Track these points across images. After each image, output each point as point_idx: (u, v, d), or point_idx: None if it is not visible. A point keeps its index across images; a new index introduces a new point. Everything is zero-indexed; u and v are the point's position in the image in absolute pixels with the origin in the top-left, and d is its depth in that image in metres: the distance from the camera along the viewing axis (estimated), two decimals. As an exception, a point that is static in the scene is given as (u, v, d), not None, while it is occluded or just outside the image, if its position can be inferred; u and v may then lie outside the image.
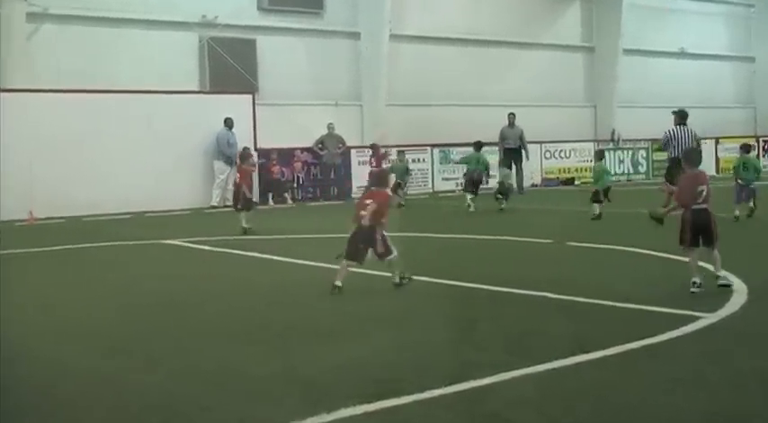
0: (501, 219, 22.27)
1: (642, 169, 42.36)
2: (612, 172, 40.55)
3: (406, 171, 31.55)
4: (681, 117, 23.20)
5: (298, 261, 14.93)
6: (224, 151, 29.24)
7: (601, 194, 22.53)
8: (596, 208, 22.19)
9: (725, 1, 50.80)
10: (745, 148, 23.46)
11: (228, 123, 29.41)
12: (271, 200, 31.06)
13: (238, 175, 22.42)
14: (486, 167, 27.44)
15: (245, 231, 20.50)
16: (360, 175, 32.95)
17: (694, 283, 11.76)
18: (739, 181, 21.76)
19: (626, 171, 41.96)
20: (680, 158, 20.29)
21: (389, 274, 12.92)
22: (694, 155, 13.49)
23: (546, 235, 18.55)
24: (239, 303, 12.35)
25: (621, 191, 32.32)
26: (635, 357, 8.68)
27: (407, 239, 17.97)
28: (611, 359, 8.57)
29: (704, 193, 12.01)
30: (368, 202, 13.11)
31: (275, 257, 16.12)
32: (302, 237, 20.26)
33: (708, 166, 39.66)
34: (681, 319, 10.11)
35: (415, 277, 13.12)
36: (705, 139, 41.50)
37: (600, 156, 25.30)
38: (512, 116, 35.01)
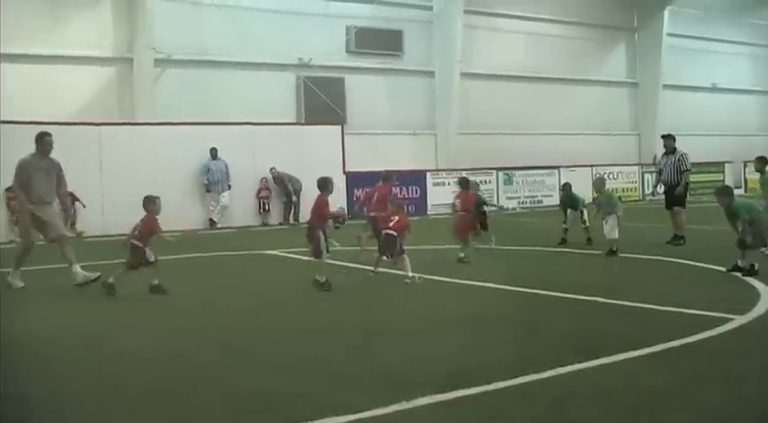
0: (552, 233, 21.93)
1: (661, 190, 41.76)
2: (652, 192, 40.20)
3: (484, 203, 20.99)
4: (665, 144, 21.09)
5: (379, 269, 14.91)
6: (202, 180, 28.11)
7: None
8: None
9: (750, 43, 50.32)
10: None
11: (212, 153, 28.22)
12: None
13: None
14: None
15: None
16: (434, 195, 32.95)
17: None
18: None
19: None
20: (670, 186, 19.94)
21: (461, 281, 12.88)
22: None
23: (597, 246, 18.38)
24: (329, 305, 12.36)
25: (661, 208, 31.94)
26: (676, 354, 8.56)
27: (474, 251, 17.91)
28: (654, 356, 8.46)
29: None
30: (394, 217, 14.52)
31: (360, 266, 16.11)
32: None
33: (737, 185, 39.29)
34: (716, 320, 9.97)
35: (481, 283, 13.09)
36: (726, 162, 41.28)
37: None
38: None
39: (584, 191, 23.01)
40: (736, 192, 16.05)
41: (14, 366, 8.82)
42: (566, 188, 21.30)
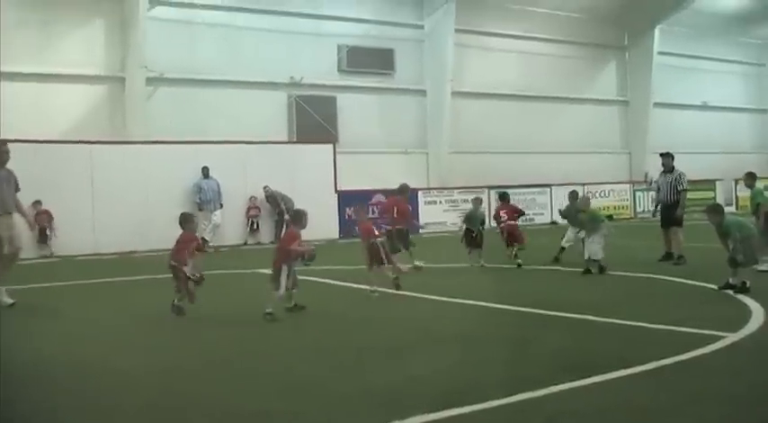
0: (546, 250, 21.97)
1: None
2: (645, 209, 40.38)
3: (482, 222, 20.88)
4: (663, 163, 20.83)
5: (374, 288, 14.92)
6: (194, 199, 28.06)
7: None
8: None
9: (740, 61, 50.72)
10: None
11: (204, 172, 28.25)
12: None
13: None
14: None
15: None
16: (426, 214, 32.96)
17: None
18: None
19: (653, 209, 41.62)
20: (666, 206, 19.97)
21: (452, 299, 12.88)
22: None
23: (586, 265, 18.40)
24: (322, 323, 12.35)
25: (653, 226, 31.96)
26: (668, 372, 8.55)
27: (461, 269, 17.93)
28: (647, 374, 8.45)
29: None
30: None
31: (350, 284, 16.11)
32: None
33: (728, 203, 39.47)
34: (708, 338, 9.97)
35: (473, 302, 13.11)
36: (717, 180, 41.35)
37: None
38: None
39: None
40: (727, 209, 16.13)
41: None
42: (573, 197, 20.32)
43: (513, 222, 20.20)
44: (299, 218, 13.79)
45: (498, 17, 39.59)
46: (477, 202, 20.82)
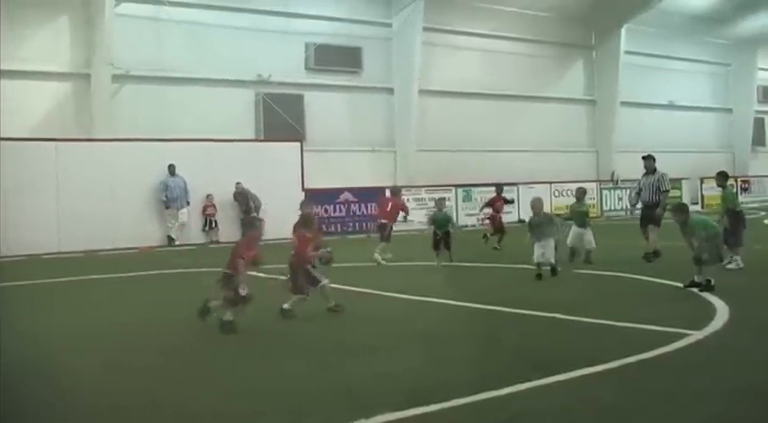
0: (515, 249, 22.05)
1: (638, 206, 42.12)
2: (612, 208, 40.63)
3: (448, 221, 20.33)
4: (645, 165, 21.38)
5: (342, 287, 14.87)
6: (160, 197, 27.99)
7: None
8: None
9: (706, 61, 51.14)
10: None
11: (170, 169, 28.19)
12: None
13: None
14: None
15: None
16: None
17: None
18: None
19: (624, 207, 41.81)
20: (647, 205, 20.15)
21: (419, 298, 12.88)
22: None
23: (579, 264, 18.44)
24: (287, 323, 12.29)
25: (620, 225, 32.18)
26: (633, 370, 8.58)
27: (430, 267, 17.93)
28: (612, 372, 8.50)
29: None
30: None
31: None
32: (344, 265, 20.25)
33: (694, 201, 39.77)
34: (672, 336, 10.02)
35: (442, 300, 13.12)
36: (683, 179, 41.57)
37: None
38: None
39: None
40: (692, 208, 16.25)
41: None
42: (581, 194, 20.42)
43: (496, 214, 22.98)
44: (309, 221, 13.63)
45: (466, 16, 39.60)
46: (441, 202, 20.90)
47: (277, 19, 34.20)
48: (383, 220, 22.20)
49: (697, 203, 41.26)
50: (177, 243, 27.99)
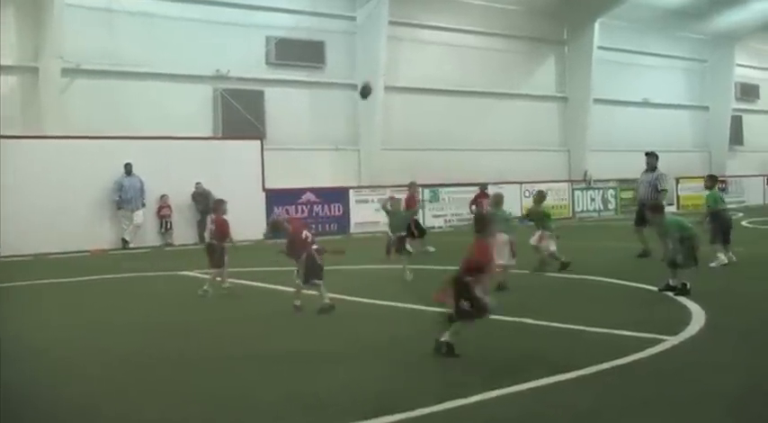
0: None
1: (611, 206, 42.47)
2: (584, 209, 40.83)
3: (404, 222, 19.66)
4: (647, 162, 22.13)
5: (306, 292, 14.83)
6: (113, 197, 27.95)
7: None
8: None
9: (682, 57, 51.41)
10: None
11: (127, 169, 28.30)
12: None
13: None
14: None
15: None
16: (357, 213, 33.02)
17: None
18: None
19: (597, 208, 42.05)
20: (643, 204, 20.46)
21: (385, 303, 12.88)
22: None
23: (525, 266, 18.45)
24: (248, 330, 12.27)
25: (593, 226, 32.32)
26: (606, 377, 8.62)
27: (396, 270, 17.91)
28: (584, 379, 8.52)
29: None
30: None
31: (278, 287, 16.03)
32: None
33: (669, 202, 39.98)
34: (647, 341, 10.07)
35: (408, 305, 13.14)
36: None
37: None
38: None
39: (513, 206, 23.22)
40: (668, 209, 16.35)
41: None
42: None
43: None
44: (278, 226, 14.15)
45: (433, 9, 39.62)
46: (396, 203, 20.45)
47: (236, 11, 34.04)
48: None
49: (672, 204, 41.45)
50: (132, 246, 27.84)
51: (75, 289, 18.16)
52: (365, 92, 22.72)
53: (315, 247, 13.40)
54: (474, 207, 28.73)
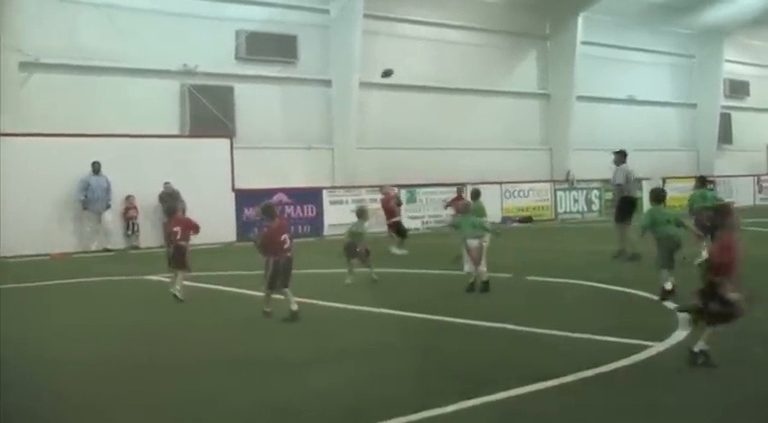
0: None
1: (595, 208, 42.54)
2: (567, 210, 40.89)
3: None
4: (619, 158, 23.25)
5: (276, 297, 14.79)
6: (79, 197, 27.68)
7: None
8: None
9: (668, 52, 51.44)
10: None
11: (95, 167, 27.93)
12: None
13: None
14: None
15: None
16: (331, 215, 32.95)
17: None
18: None
19: (580, 209, 42.11)
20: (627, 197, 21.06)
21: (359, 308, 12.88)
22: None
23: (505, 269, 18.48)
24: (217, 336, 12.23)
25: (576, 228, 32.40)
26: (590, 385, 8.64)
27: (377, 274, 17.91)
28: (567, 387, 8.53)
29: None
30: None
31: (248, 291, 16.00)
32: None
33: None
34: (632, 348, 10.09)
35: (382, 310, 13.12)
36: (643, 179, 41.99)
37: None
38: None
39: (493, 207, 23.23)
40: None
41: None
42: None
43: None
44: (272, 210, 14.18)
45: (410, 2, 39.58)
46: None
47: (205, 3, 33.83)
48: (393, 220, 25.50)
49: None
50: (94, 249, 27.68)
51: (35, 295, 18.05)
52: (387, 73, 24.13)
53: (288, 255, 13.33)
54: (449, 209, 29.02)
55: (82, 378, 9.73)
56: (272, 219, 13.72)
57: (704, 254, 18.22)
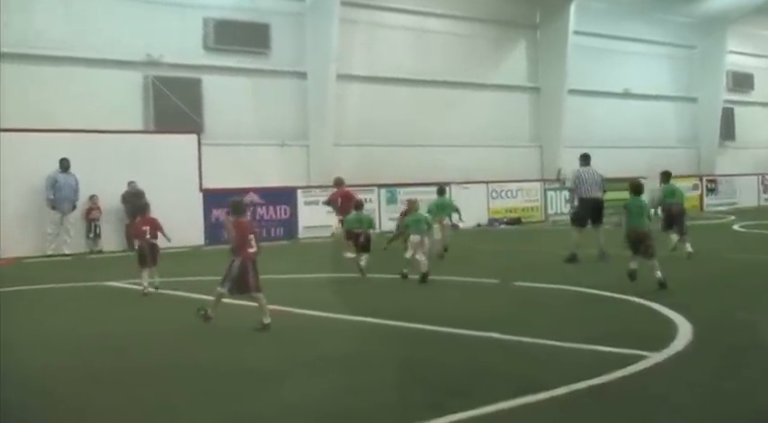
0: (447, 259, 22.26)
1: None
2: (558, 211, 40.88)
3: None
4: (584, 159, 23.82)
5: (239, 302, 14.77)
6: (47, 195, 27.45)
7: None
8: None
9: (667, 42, 51.44)
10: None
11: (64, 165, 27.73)
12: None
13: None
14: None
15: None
16: (306, 216, 32.89)
17: None
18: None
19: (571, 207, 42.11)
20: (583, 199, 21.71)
21: (335, 315, 12.87)
22: None
23: (492, 275, 18.51)
24: (181, 345, 12.19)
25: (567, 230, 32.37)
26: (581, 399, 8.61)
27: (348, 280, 17.93)
28: (556, 401, 8.51)
29: None
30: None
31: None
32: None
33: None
34: (627, 358, 10.08)
35: (359, 318, 13.09)
36: (642, 178, 41.93)
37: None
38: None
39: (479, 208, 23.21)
40: (651, 211, 16.88)
41: None
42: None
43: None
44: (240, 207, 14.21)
45: (392, -12, 39.72)
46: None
47: (169, -11, 33.88)
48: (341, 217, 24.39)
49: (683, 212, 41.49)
50: (48, 253, 27.49)
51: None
52: None
53: (253, 257, 13.23)
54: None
55: (39, 390, 9.69)
56: (240, 216, 13.71)
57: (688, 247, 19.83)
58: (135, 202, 27.18)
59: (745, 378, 9.54)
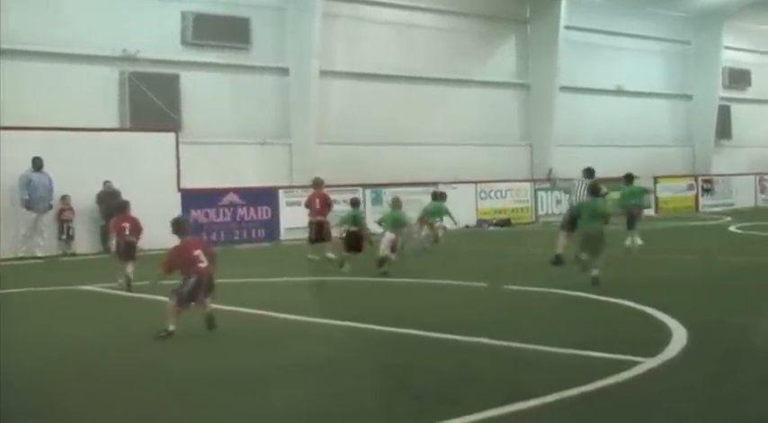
0: (435, 262, 22.26)
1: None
2: (549, 212, 40.90)
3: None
4: (587, 173, 23.74)
5: (226, 307, 14.76)
6: (22, 195, 27.41)
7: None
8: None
9: (661, 38, 51.55)
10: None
11: (37, 164, 27.68)
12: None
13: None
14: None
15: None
16: (288, 217, 32.83)
17: None
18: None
19: (563, 212, 42.01)
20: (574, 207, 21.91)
21: (319, 320, 12.87)
22: None
23: (481, 278, 18.52)
24: (162, 351, 12.17)
25: (558, 232, 32.39)
26: (573, 406, 8.63)
27: (337, 283, 17.91)
28: (548, 407, 8.51)
29: None
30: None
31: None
32: (229, 281, 20.08)
33: (647, 204, 40.22)
34: (620, 364, 10.10)
35: (344, 322, 13.12)
36: (634, 178, 42.12)
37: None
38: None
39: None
40: (646, 212, 17.00)
41: None
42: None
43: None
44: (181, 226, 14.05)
45: (376, -19, 39.71)
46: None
47: (147, -19, 33.80)
48: (319, 218, 25.49)
49: (650, 207, 41.59)
50: (20, 255, 27.40)
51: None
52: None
53: (207, 273, 13.19)
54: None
55: (12, 398, 9.68)
56: (181, 236, 13.53)
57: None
58: (110, 203, 27.17)
59: (741, 384, 9.56)
